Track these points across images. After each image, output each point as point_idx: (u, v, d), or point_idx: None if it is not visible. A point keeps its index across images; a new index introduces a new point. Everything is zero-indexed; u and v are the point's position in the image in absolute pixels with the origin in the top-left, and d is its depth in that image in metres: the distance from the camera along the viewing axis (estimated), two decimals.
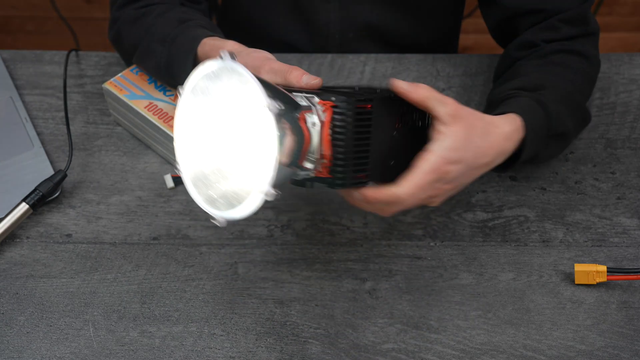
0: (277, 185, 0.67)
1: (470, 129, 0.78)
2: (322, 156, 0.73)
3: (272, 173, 0.66)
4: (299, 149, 0.71)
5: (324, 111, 0.73)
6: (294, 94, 0.74)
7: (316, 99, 0.73)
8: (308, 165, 0.74)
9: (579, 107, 0.93)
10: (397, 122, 0.77)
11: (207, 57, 0.90)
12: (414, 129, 0.79)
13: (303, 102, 0.73)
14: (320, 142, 0.73)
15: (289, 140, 0.69)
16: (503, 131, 0.82)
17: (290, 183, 0.76)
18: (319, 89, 0.76)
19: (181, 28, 0.95)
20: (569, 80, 0.93)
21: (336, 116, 0.72)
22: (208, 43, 0.91)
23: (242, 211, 0.68)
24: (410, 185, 0.75)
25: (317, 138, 0.73)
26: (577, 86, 0.94)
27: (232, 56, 0.69)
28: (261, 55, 0.84)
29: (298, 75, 0.77)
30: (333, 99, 0.72)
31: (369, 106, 0.73)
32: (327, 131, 0.73)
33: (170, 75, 0.96)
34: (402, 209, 0.78)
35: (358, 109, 0.72)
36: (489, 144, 0.80)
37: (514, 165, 0.88)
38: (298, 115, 0.72)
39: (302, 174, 0.74)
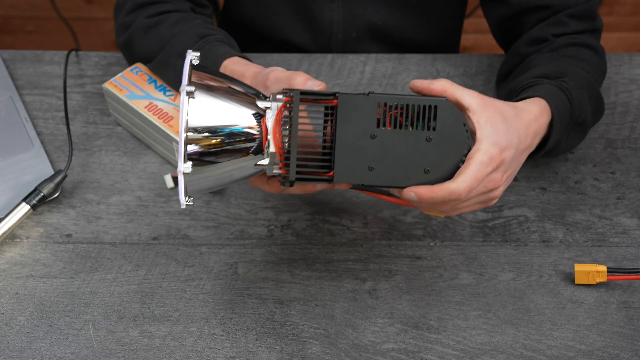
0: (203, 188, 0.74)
1: (502, 114, 0.77)
2: (276, 152, 0.74)
3: (180, 155, 0.71)
4: (259, 144, 0.74)
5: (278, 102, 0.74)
6: (278, 97, 0.75)
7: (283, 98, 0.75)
8: (263, 161, 0.75)
9: (598, 97, 0.93)
10: (377, 124, 0.74)
11: None
12: (411, 135, 0.75)
13: (274, 98, 0.75)
14: (272, 137, 0.74)
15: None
16: (532, 112, 0.81)
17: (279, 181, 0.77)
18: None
19: (201, 43, 0.95)
20: (585, 70, 0.93)
21: (284, 110, 0.73)
22: (229, 67, 0.91)
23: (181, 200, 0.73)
24: (466, 179, 0.73)
25: (271, 133, 0.74)
26: (593, 76, 0.94)
27: (194, 60, 0.73)
28: (268, 70, 0.84)
29: (303, 81, 0.77)
30: (292, 94, 0.73)
31: (335, 102, 0.73)
32: (276, 126, 0.74)
33: None
34: (463, 207, 0.77)
35: (307, 99, 0.72)
36: (524, 126, 0.79)
37: (539, 153, 0.87)
38: (261, 113, 0.74)
39: (275, 171, 0.75)
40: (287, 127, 0.73)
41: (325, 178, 0.74)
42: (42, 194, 0.93)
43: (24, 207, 0.93)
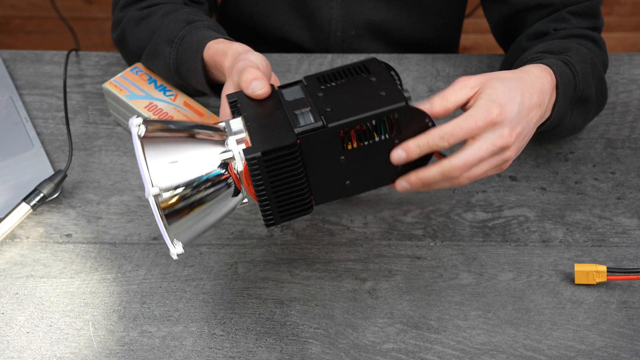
0: (192, 233, 0.75)
1: (502, 80, 0.77)
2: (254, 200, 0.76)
3: (166, 242, 0.73)
4: (235, 187, 0.75)
5: (243, 160, 0.74)
6: (233, 127, 0.75)
7: (244, 139, 0.74)
8: (244, 200, 0.77)
9: (601, 79, 0.93)
10: (342, 145, 0.74)
11: (213, 60, 0.90)
12: (377, 144, 0.75)
13: (230, 149, 0.74)
14: (247, 190, 0.75)
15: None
16: (533, 72, 0.81)
17: None
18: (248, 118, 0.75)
19: (188, 29, 0.95)
20: (586, 51, 0.93)
21: (250, 168, 0.72)
22: (213, 47, 0.91)
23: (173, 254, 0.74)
24: (446, 127, 0.74)
25: (243, 185, 0.75)
26: (598, 63, 0.94)
27: (140, 128, 0.73)
28: (239, 58, 0.83)
29: (248, 81, 0.77)
30: (246, 148, 0.72)
31: (298, 144, 0.72)
32: (245, 180, 0.74)
33: (180, 76, 0.97)
34: (476, 172, 0.77)
35: (271, 159, 0.71)
36: (526, 84, 0.79)
37: (544, 125, 0.86)
38: (225, 170, 0.74)
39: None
40: (259, 184, 0.73)
41: (307, 209, 0.76)
42: (42, 194, 0.93)
43: (24, 207, 0.93)
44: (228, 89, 0.83)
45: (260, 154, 0.71)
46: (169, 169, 0.72)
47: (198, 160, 0.73)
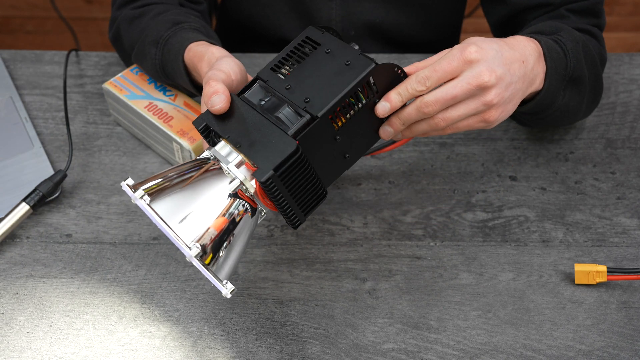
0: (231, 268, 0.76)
1: (483, 40, 0.77)
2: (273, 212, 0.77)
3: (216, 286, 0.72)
4: (253, 210, 0.76)
5: (251, 179, 0.74)
6: (222, 153, 0.75)
7: (242, 161, 0.74)
8: (263, 213, 0.79)
9: (594, 62, 0.92)
10: (336, 127, 0.75)
11: (192, 63, 0.90)
12: (362, 111, 0.77)
13: (235, 176, 0.74)
14: (264, 206, 0.76)
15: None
16: (515, 38, 0.81)
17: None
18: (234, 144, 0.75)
19: (174, 29, 0.95)
20: (578, 34, 0.92)
21: (267, 188, 0.72)
22: (193, 49, 0.90)
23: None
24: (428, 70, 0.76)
25: (258, 200, 0.76)
26: (592, 48, 0.93)
27: (145, 196, 0.72)
28: (212, 66, 0.82)
29: (208, 95, 0.76)
30: (254, 166, 0.72)
31: (297, 145, 0.72)
32: (262, 198, 0.75)
33: (167, 76, 0.97)
34: (454, 114, 0.77)
35: (284, 171, 0.72)
36: (506, 42, 0.79)
37: (536, 98, 0.86)
38: (238, 199, 0.74)
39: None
40: (279, 198, 0.73)
41: (323, 196, 0.77)
42: (42, 194, 0.93)
43: (24, 207, 0.93)
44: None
45: (273, 172, 0.71)
46: (191, 223, 0.72)
47: (211, 202, 0.73)
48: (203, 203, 0.73)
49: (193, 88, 0.94)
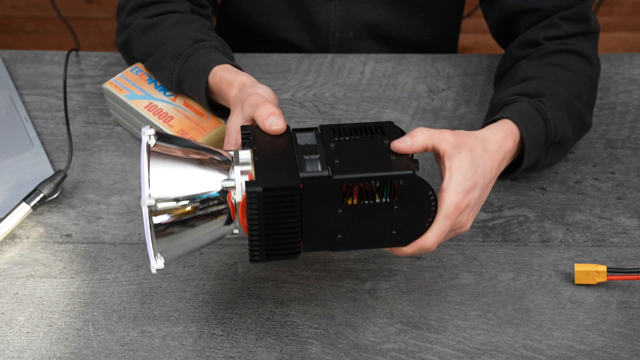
0: (177, 253, 0.76)
1: (472, 153, 0.79)
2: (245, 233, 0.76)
3: (150, 252, 0.73)
4: (229, 215, 0.75)
5: (243, 192, 0.74)
6: (240, 157, 0.75)
7: (249, 171, 0.74)
8: (236, 231, 0.78)
9: (579, 115, 0.93)
10: (343, 199, 0.74)
11: (218, 87, 0.92)
12: (376, 206, 0.75)
13: (232, 176, 0.74)
14: (240, 222, 0.75)
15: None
16: (497, 141, 0.83)
17: None
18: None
19: (195, 47, 0.96)
20: (570, 83, 0.93)
21: (248, 201, 0.72)
22: (219, 74, 0.92)
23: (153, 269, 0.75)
24: (434, 235, 0.77)
25: (237, 216, 0.75)
26: (578, 89, 0.94)
27: (151, 138, 0.73)
28: (249, 90, 0.85)
29: (265, 115, 0.78)
30: (249, 181, 0.72)
31: (298, 191, 0.72)
32: (241, 212, 0.74)
33: (181, 91, 0.98)
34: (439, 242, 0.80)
35: (270, 196, 0.71)
36: (491, 159, 0.82)
37: (515, 173, 0.90)
38: (225, 192, 0.74)
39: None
40: (253, 219, 0.73)
41: (294, 254, 0.76)
42: (42, 194, 0.93)
43: (24, 207, 0.93)
44: (236, 120, 0.84)
45: (262, 189, 0.71)
46: (169, 182, 0.72)
47: (199, 180, 0.73)
48: (192, 177, 0.73)
49: (209, 108, 0.97)
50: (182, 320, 0.86)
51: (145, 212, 0.71)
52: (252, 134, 0.78)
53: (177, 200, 0.72)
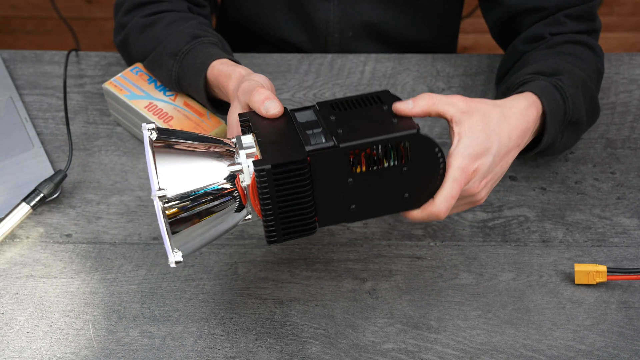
0: (193, 245, 0.76)
1: (487, 119, 0.78)
2: (259, 215, 0.75)
3: (166, 246, 0.73)
4: (240, 202, 0.75)
5: (252, 174, 0.73)
6: (243, 142, 0.75)
7: (254, 153, 0.74)
8: (249, 216, 0.78)
9: (593, 98, 0.93)
10: (352, 170, 0.74)
11: (217, 81, 0.92)
12: (386, 170, 0.75)
13: (238, 161, 0.74)
14: (252, 205, 0.75)
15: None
16: (519, 109, 0.82)
17: None
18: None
19: (193, 44, 0.96)
20: (581, 69, 0.93)
21: (258, 180, 0.71)
22: (217, 67, 0.92)
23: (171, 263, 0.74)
24: (442, 200, 0.76)
25: (249, 199, 0.75)
26: (589, 75, 0.94)
27: (152, 133, 0.73)
28: (246, 79, 0.85)
29: (260, 101, 0.78)
30: (256, 160, 0.72)
31: (306, 164, 0.72)
32: (252, 194, 0.74)
33: (180, 88, 0.98)
34: (451, 212, 0.79)
35: (280, 172, 0.71)
36: (510, 127, 0.80)
37: (533, 151, 0.89)
38: (233, 178, 0.74)
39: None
40: (265, 198, 0.72)
41: (310, 229, 0.76)
42: (42, 194, 0.93)
43: (24, 207, 0.93)
44: (235, 110, 0.84)
45: (270, 167, 0.71)
46: (177, 175, 0.72)
47: (206, 170, 0.73)
48: (199, 169, 0.73)
49: (209, 103, 0.96)
50: (182, 320, 0.86)
51: (157, 206, 0.71)
52: (250, 120, 0.78)
53: (186, 191, 0.72)
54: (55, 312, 0.87)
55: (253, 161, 0.72)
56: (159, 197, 0.71)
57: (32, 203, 0.93)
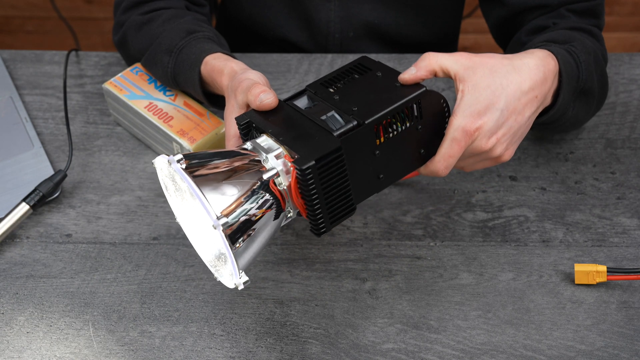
0: (251, 259, 0.75)
1: (493, 73, 0.77)
2: (302, 214, 0.76)
3: (233, 271, 0.72)
4: (278, 206, 0.74)
5: (287, 172, 0.73)
6: (263, 145, 0.74)
7: (282, 153, 0.73)
8: (291, 215, 0.77)
9: (603, 71, 0.93)
10: (377, 142, 0.75)
11: (210, 76, 0.91)
12: (404, 133, 0.77)
13: (273, 166, 0.73)
14: (292, 201, 0.75)
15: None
16: (533, 60, 0.80)
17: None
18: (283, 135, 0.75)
19: (188, 39, 0.96)
20: (592, 42, 0.93)
21: (303, 178, 0.71)
22: (210, 62, 0.91)
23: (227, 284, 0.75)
24: (440, 158, 0.77)
25: (289, 197, 0.75)
26: (600, 52, 0.94)
27: (181, 161, 0.71)
28: (241, 77, 0.84)
29: (255, 95, 0.78)
30: (295, 157, 0.71)
31: (342, 150, 0.72)
32: (295, 193, 0.73)
33: (177, 84, 0.98)
34: (467, 164, 0.81)
35: (323, 165, 0.71)
36: (521, 78, 0.78)
37: (546, 115, 0.87)
38: (267, 184, 0.73)
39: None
40: (313, 193, 0.72)
41: (352, 210, 0.77)
42: (42, 194, 0.93)
43: (24, 207, 0.93)
44: (231, 109, 0.84)
45: (314, 162, 0.70)
46: (224, 199, 0.71)
47: (245, 186, 0.72)
48: (237, 187, 0.72)
49: (205, 98, 0.96)
50: (182, 320, 0.86)
51: (221, 234, 0.69)
52: (254, 121, 0.77)
53: (238, 212, 0.71)
54: (55, 312, 0.87)
55: (294, 161, 0.71)
56: (222, 225, 0.69)
57: (32, 203, 0.93)
